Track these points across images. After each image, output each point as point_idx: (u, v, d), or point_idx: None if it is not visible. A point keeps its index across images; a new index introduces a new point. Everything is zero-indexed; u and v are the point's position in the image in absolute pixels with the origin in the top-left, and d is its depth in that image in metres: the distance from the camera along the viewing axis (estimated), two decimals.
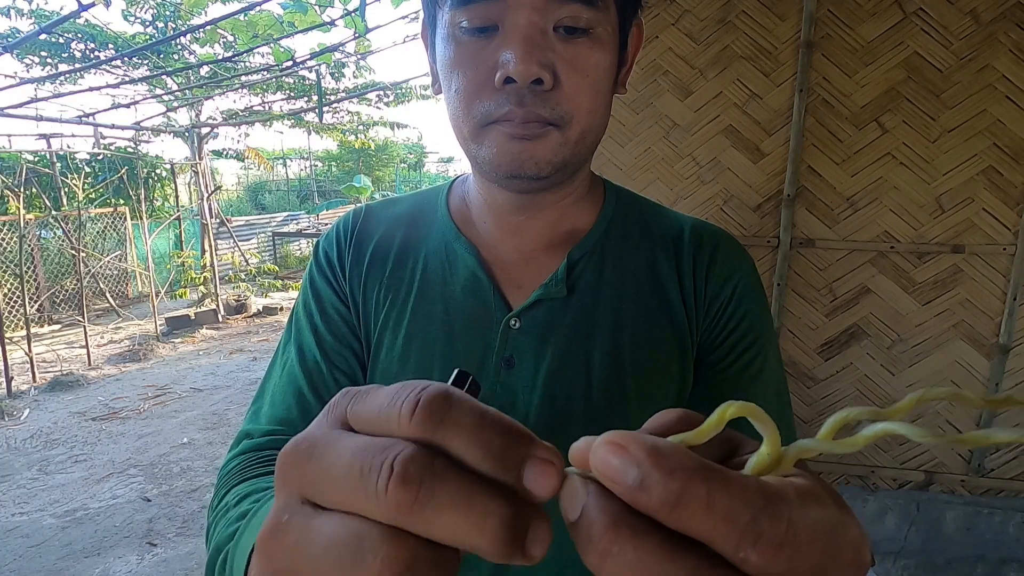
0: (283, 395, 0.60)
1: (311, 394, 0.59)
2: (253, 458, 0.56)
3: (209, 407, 4.62)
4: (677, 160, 2.18)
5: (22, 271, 5.52)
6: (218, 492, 0.53)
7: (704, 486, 0.18)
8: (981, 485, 2.20)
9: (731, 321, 0.60)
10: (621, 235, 0.62)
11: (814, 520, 0.18)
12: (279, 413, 0.59)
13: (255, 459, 0.56)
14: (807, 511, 0.18)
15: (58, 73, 7.63)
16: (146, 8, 7.80)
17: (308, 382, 0.60)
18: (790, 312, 2.22)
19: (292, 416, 0.58)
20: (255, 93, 9.54)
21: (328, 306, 0.63)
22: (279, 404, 0.60)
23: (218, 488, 0.54)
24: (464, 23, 0.50)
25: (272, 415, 0.59)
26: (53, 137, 7.39)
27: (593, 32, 0.50)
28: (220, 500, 0.51)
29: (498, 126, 0.51)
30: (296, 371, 0.61)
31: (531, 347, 0.57)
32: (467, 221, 0.63)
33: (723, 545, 0.18)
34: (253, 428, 0.59)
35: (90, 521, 3.07)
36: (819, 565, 0.18)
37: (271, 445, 0.57)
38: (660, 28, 2.11)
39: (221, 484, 0.54)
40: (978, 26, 1.93)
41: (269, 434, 0.58)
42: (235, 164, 15.74)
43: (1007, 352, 2.09)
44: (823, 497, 0.19)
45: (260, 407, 0.61)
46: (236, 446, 0.58)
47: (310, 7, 4.05)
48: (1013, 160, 1.98)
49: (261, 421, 0.59)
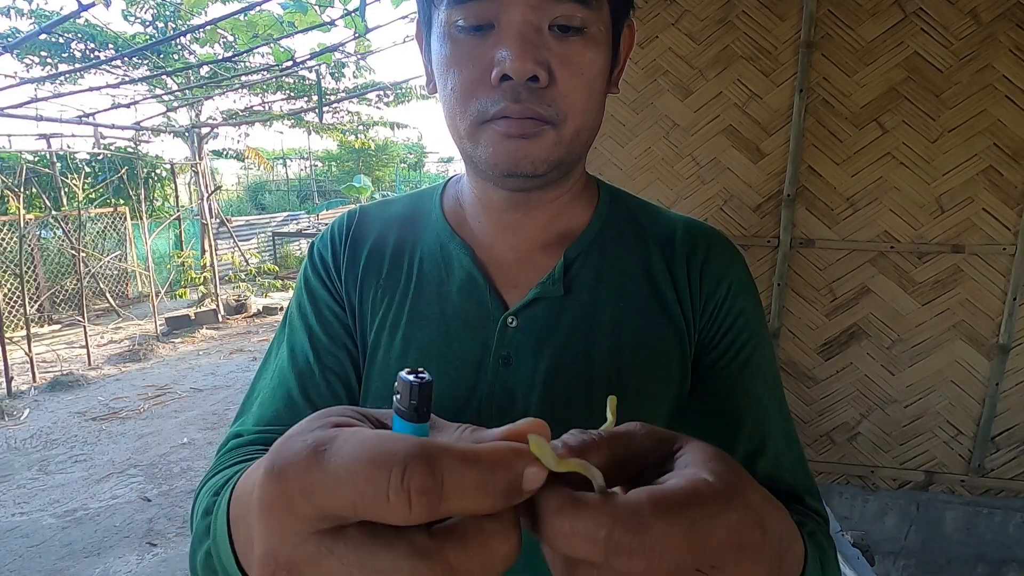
0: (272, 397, 0.59)
1: (301, 397, 0.58)
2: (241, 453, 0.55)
3: (209, 407, 4.62)
4: (677, 160, 2.18)
5: (22, 271, 5.52)
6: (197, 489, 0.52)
7: (565, 519, 0.22)
8: (981, 485, 2.20)
9: (727, 319, 0.60)
10: (616, 234, 0.63)
11: (666, 523, 0.22)
12: (267, 415, 0.58)
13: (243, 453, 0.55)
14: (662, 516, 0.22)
15: (58, 73, 7.64)
16: (146, 8, 7.80)
17: (299, 384, 0.59)
18: (790, 312, 2.22)
19: (281, 418, 0.58)
20: (255, 93, 9.54)
21: (323, 307, 0.63)
22: (268, 406, 0.59)
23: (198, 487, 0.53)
24: (460, 22, 0.50)
25: (260, 416, 0.59)
26: (53, 137, 7.39)
27: (587, 31, 0.51)
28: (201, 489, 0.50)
29: (494, 125, 0.51)
30: (287, 373, 0.60)
31: (529, 346, 0.58)
32: (461, 221, 0.63)
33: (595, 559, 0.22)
34: (242, 429, 0.59)
35: (90, 521, 3.07)
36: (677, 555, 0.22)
37: (259, 442, 0.56)
38: (660, 28, 2.11)
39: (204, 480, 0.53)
40: (978, 26, 1.93)
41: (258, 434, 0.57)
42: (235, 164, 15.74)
43: (1007, 352, 2.09)
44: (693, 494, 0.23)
45: (249, 408, 0.61)
46: (224, 445, 0.58)
47: (310, 7, 4.05)
48: (1013, 160, 1.98)
49: (249, 423, 0.59)
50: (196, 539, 0.44)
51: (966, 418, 2.17)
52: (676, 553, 0.22)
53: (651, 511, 0.22)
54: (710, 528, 0.23)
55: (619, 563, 0.22)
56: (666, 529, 0.22)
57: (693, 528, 0.22)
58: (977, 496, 2.21)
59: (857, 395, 2.22)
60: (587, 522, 0.22)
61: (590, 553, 0.22)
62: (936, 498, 2.22)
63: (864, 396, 2.22)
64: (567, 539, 0.22)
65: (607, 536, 0.22)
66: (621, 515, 0.22)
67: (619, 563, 0.22)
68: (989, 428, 2.14)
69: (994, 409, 2.13)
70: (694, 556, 0.23)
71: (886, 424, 2.22)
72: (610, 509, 0.22)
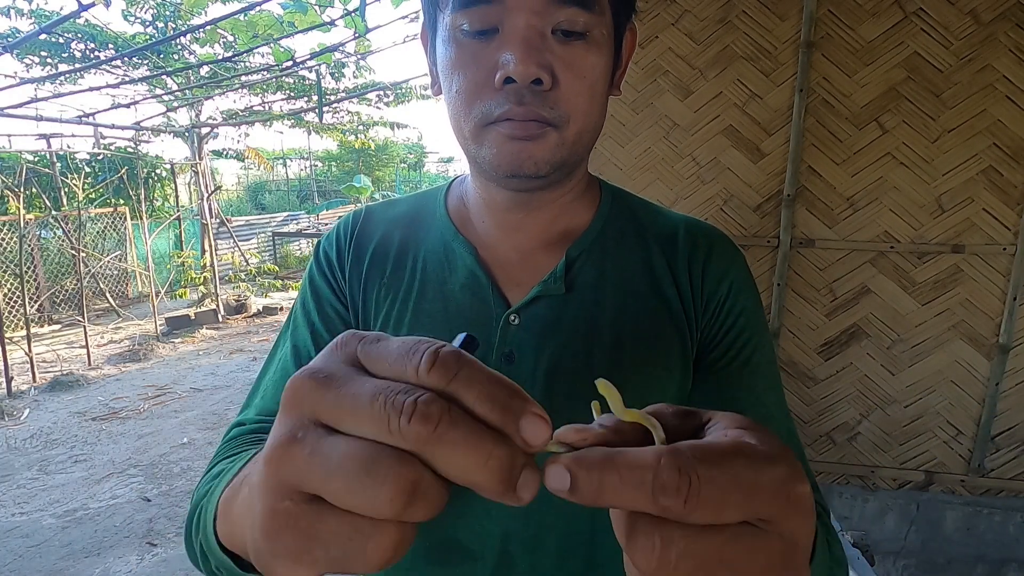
0: (275, 390, 0.61)
1: None
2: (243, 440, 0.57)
3: (209, 407, 4.62)
4: (677, 160, 2.18)
5: (22, 271, 5.52)
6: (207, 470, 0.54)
7: (614, 471, 0.22)
8: (981, 485, 2.20)
9: (728, 317, 0.61)
10: (617, 233, 0.63)
11: (711, 465, 0.22)
12: (270, 406, 0.60)
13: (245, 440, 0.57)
14: (704, 459, 0.22)
15: (58, 73, 7.64)
16: (146, 8, 7.80)
17: None
18: (790, 312, 2.22)
19: None
20: (255, 93, 9.54)
21: (326, 305, 0.64)
22: (271, 398, 0.61)
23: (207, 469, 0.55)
24: (465, 26, 0.51)
25: (263, 407, 0.60)
26: (53, 137, 7.39)
27: (590, 35, 0.51)
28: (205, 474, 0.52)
29: (498, 127, 0.52)
30: (290, 367, 0.61)
31: (531, 343, 0.58)
32: (465, 221, 0.64)
33: (644, 506, 0.22)
34: (245, 418, 0.60)
35: (90, 521, 3.07)
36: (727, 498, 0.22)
37: (261, 430, 0.58)
38: (660, 28, 2.11)
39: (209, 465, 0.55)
40: (978, 26, 1.93)
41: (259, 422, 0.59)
42: (235, 164, 15.75)
43: (1007, 352, 2.09)
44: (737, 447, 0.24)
45: (252, 401, 0.62)
46: (227, 435, 0.59)
47: (310, 7, 4.05)
48: (1013, 160, 1.98)
49: (251, 414, 0.60)
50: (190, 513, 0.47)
51: (966, 418, 2.17)
52: (727, 498, 0.22)
53: (698, 457, 0.22)
54: (759, 478, 0.23)
55: (671, 507, 0.22)
56: (715, 474, 0.22)
57: (742, 476, 0.23)
58: (977, 496, 2.21)
59: (857, 395, 2.22)
60: (634, 469, 0.22)
61: (640, 500, 0.22)
62: (936, 498, 2.22)
63: (864, 396, 2.22)
64: (614, 489, 0.22)
65: (653, 478, 0.22)
66: (667, 461, 0.22)
67: (671, 507, 0.22)
68: (989, 428, 2.15)
69: (994, 409, 2.13)
70: (744, 504, 0.23)
71: (886, 424, 2.22)
72: (656, 452, 0.23)
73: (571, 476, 0.23)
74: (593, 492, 0.22)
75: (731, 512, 0.23)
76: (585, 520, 0.57)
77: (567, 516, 0.57)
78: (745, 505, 0.23)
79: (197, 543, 0.43)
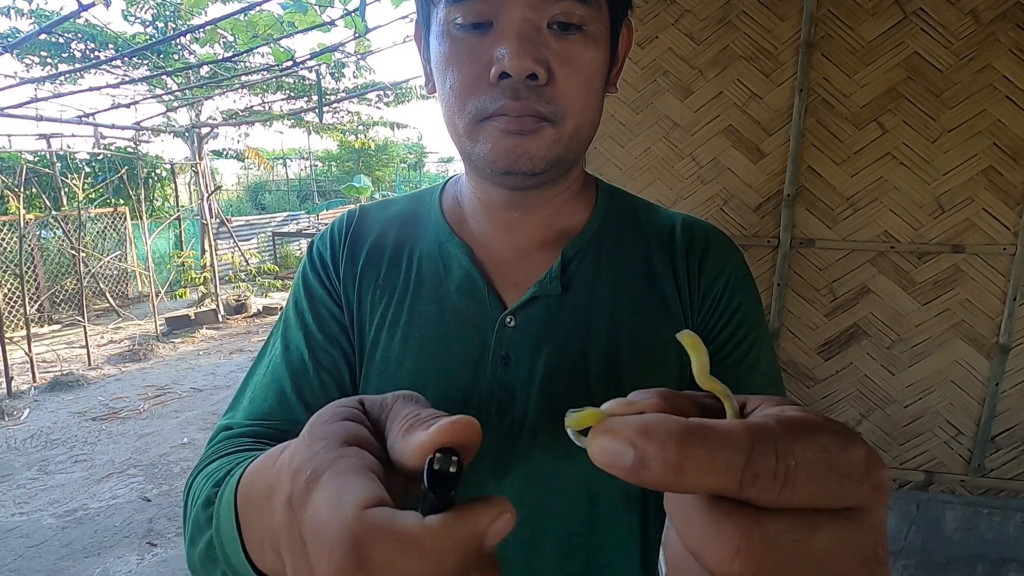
0: (264, 392, 0.59)
1: (293, 393, 0.58)
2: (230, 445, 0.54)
3: (209, 407, 4.62)
4: (677, 160, 2.18)
5: (22, 271, 5.52)
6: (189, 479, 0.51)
7: (700, 447, 0.19)
8: (981, 485, 2.20)
9: (725, 313, 0.60)
10: (615, 232, 0.63)
11: (804, 446, 0.19)
12: (259, 410, 0.58)
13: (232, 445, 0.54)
14: (795, 439, 0.19)
15: (58, 73, 7.63)
16: (146, 8, 7.80)
17: (292, 381, 0.59)
18: (790, 312, 2.22)
19: (272, 414, 0.57)
20: (255, 93, 9.54)
21: (320, 305, 0.62)
22: (259, 402, 0.58)
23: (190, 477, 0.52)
24: (459, 20, 0.50)
25: (252, 412, 0.58)
26: (53, 137, 7.39)
27: (586, 29, 0.51)
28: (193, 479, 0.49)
29: (492, 122, 0.51)
30: (280, 369, 0.60)
31: (527, 344, 0.58)
32: (460, 221, 0.63)
33: (728, 491, 0.19)
34: (232, 422, 0.58)
35: (90, 521, 3.07)
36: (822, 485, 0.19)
37: (250, 435, 0.56)
38: (660, 28, 2.11)
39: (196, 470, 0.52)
40: (978, 26, 1.93)
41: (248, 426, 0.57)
42: (235, 164, 15.75)
43: (1007, 352, 2.09)
44: (814, 423, 0.20)
45: (240, 403, 0.60)
46: (214, 438, 0.57)
47: (310, 7, 4.06)
48: (1013, 160, 1.98)
49: (239, 417, 0.58)
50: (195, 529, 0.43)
51: (966, 418, 2.17)
52: (822, 485, 0.19)
53: (791, 435, 0.19)
54: (850, 460, 0.20)
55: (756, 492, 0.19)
56: (810, 457, 0.19)
57: (835, 459, 0.19)
58: (977, 496, 2.21)
59: (857, 395, 2.22)
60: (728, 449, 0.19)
61: (724, 484, 0.19)
62: (936, 498, 2.22)
63: (864, 396, 2.22)
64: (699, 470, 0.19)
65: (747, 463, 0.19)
66: (759, 436, 0.19)
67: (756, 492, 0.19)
68: (989, 428, 2.14)
69: (994, 409, 2.13)
70: (838, 491, 0.20)
71: (886, 424, 2.22)
72: (747, 430, 0.19)
73: (637, 451, 0.19)
74: (669, 472, 0.19)
75: (826, 499, 0.20)
76: (582, 523, 0.57)
77: (564, 518, 0.56)
78: (839, 492, 0.20)
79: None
